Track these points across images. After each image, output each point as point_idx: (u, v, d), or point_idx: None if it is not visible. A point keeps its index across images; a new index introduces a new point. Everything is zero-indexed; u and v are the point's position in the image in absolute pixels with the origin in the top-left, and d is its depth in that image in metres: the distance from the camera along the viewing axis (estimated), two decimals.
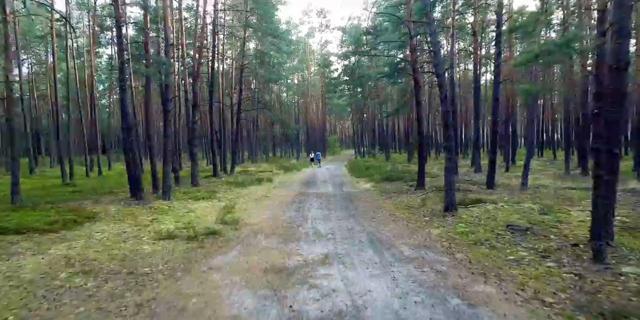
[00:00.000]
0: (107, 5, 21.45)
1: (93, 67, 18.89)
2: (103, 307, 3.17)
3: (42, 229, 5.77)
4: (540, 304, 3.10)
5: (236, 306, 3.15)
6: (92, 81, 18.86)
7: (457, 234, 5.51)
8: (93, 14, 19.77)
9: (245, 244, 5.27)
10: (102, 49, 26.54)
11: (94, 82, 19.92)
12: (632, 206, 7.48)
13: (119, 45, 8.36)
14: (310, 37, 40.23)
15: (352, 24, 30.55)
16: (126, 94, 8.71)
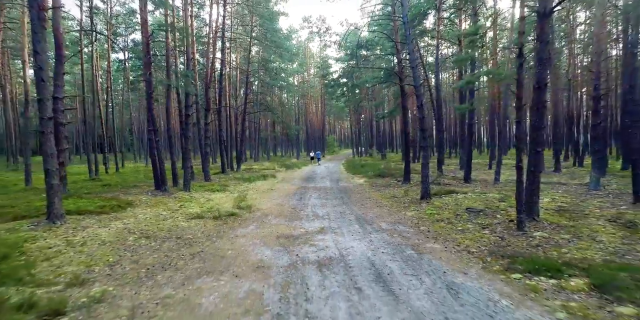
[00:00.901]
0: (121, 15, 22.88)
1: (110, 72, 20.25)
2: (168, 255, 4.58)
3: (96, 211, 7.18)
4: (466, 253, 4.52)
5: (259, 255, 4.56)
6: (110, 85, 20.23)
7: (425, 215, 6.94)
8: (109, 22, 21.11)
9: (260, 221, 6.68)
10: (114, 54, 27.96)
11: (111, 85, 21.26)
12: (581, 196, 8.90)
13: (147, 59, 9.74)
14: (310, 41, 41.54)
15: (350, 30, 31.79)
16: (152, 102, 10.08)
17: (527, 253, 4.36)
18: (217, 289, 3.46)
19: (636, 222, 5.60)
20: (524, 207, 5.52)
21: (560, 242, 4.75)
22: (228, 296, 3.28)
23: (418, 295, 3.26)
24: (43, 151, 5.77)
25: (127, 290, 3.45)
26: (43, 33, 5.60)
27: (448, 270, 3.88)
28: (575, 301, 3.06)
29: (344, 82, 26.93)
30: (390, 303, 3.10)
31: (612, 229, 5.37)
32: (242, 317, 2.88)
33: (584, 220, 5.92)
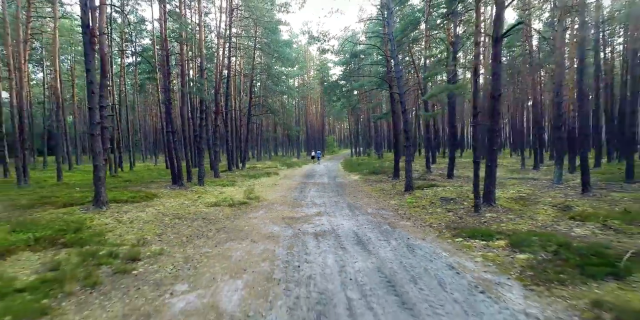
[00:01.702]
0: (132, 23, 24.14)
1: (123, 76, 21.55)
2: (199, 229, 5.88)
3: (129, 200, 8.47)
4: (429, 227, 5.82)
5: (269, 229, 5.85)
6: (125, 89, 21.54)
7: (405, 203, 8.24)
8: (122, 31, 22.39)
9: (268, 208, 7.98)
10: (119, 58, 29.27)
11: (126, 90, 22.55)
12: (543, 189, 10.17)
13: (166, 70, 11.02)
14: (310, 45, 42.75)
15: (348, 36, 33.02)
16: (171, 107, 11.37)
17: (474, 226, 5.66)
18: (241, 248, 4.76)
19: (571, 206, 6.91)
20: (483, 195, 6.82)
21: (503, 220, 6.05)
22: (250, 252, 4.58)
23: (385, 251, 4.55)
24: (92, 150, 7.07)
25: (177, 249, 4.75)
26: (92, 54, 6.90)
27: (411, 237, 5.18)
28: (492, 252, 4.36)
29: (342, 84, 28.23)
30: (365, 255, 4.39)
31: (551, 211, 6.67)
32: (262, 262, 4.17)
33: (533, 206, 7.21)
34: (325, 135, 51.67)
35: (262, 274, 3.77)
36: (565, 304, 2.94)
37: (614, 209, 6.51)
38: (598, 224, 5.50)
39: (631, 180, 10.13)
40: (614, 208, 6.66)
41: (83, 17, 6.69)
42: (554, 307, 2.89)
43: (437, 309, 2.91)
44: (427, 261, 4.11)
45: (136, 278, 3.70)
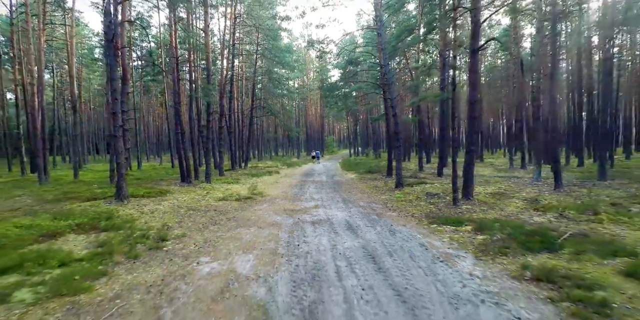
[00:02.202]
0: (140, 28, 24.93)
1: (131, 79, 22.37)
2: (212, 218, 6.74)
3: (145, 195, 9.33)
4: (410, 216, 6.68)
5: (273, 218, 6.71)
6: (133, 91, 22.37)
7: (394, 198, 9.10)
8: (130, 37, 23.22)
9: (270, 202, 8.84)
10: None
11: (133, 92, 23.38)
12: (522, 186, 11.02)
13: (176, 77, 11.88)
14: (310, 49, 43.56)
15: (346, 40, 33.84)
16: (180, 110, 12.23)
17: (449, 216, 6.52)
18: (250, 232, 5.62)
19: (539, 200, 7.77)
20: (462, 190, 7.69)
21: (476, 211, 6.92)
22: (257, 235, 5.44)
23: (371, 234, 5.41)
24: (115, 150, 7.94)
25: (195, 233, 5.61)
26: (116, 65, 7.76)
27: (394, 224, 6.04)
28: (458, 235, 5.22)
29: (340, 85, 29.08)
30: (353, 237, 5.26)
31: (521, 204, 7.54)
32: (268, 242, 5.03)
33: (506, 200, 8.07)
34: (324, 136, 52.53)
35: (268, 250, 4.63)
36: (501, 267, 3.80)
37: (575, 202, 7.37)
38: (556, 214, 6.37)
39: (603, 178, 10.99)
40: (576, 201, 7.52)
41: (107, 32, 7.55)
42: (493, 269, 3.76)
43: (404, 272, 3.77)
44: (403, 241, 4.98)
45: (167, 252, 4.56)
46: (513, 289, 3.24)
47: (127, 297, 3.20)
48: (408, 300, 3.07)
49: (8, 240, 4.77)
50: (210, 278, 3.66)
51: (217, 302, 3.08)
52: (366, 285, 3.40)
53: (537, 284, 3.31)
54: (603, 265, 3.71)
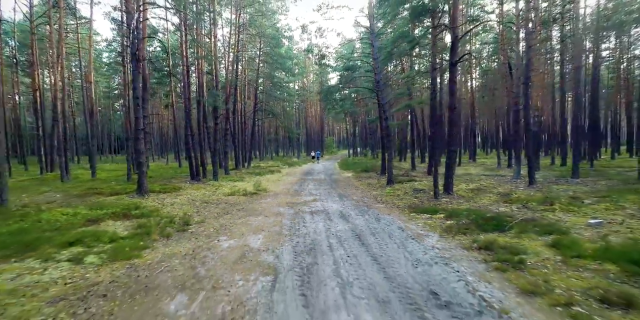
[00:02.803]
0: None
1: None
2: (225, 209, 7.76)
3: (161, 191, 10.33)
4: (395, 208, 7.70)
5: (277, 209, 7.72)
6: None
7: (384, 193, 10.11)
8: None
9: (274, 196, 9.85)
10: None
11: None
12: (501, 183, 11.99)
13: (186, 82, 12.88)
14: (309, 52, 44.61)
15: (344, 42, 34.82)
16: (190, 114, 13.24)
17: (428, 207, 7.53)
18: (258, 220, 6.63)
19: (510, 194, 8.78)
20: (444, 186, 8.69)
21: (453, 203, 7.92)
22: (264, 221, 6.45)
23: (360, 221, 6.42)
24: (137, 150, 8.95)
25: (212, 220, 6.62)
26: (138, 75, 8.78)
27: (380, 213, 7.05)
28: (432, 220, 6.23)
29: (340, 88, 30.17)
30: (344, 223, 6.26)
31: (494, 197, 8.54)
32: (273, 226, 6.03)
33: (483, 194, 9.08)
34: (324, 137, 53.54)
35: (274, 232, 5.64)
36: (457, 242, 4.81)
37: (540, 196, 8.36)
38: (520, 205, 7.37)
39: (576, 176, 11.98)
40: (542, 195, 8.52)
41: (132, 47, 8.57)
42: (450, 243, 4.77)
43: (382, 246, 4.77)
44: (385, 225, 5.99)
45: (192, 233, 5.58)
46: (460, 255, 4.25)
47: (169, 261, 4.21)
48: (381, 263, 4.08)
49: (61, 224, 5.79)
50: (230, 250, 4.67)
51: (238, 264, 4.09)
52: (351, 254, 4.41)
53: (479, 252, 4.32)
54: (536, 240, 4.71)
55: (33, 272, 3.81)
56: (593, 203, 7.30)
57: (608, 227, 5.33)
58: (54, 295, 3.23)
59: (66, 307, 3.00)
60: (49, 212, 6.73)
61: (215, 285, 3.44)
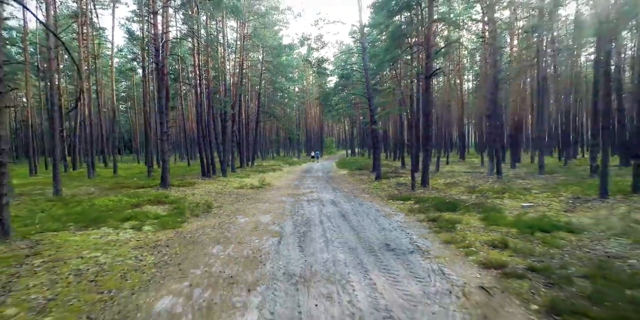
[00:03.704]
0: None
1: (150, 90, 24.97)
2: (237, 198, 9.31)
3: (180, 185, 11.88)
4: (377, 197, 9.26)
5: (280, 199, 9.27)
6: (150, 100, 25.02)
7: (371, 187, 11.66)
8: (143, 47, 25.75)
9: (277, 189, 11.40)
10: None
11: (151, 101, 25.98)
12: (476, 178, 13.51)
13: (199, 90, 14.42)
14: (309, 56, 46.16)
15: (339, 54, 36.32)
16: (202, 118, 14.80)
17: (404, 196, 9.07)
18: (265, 205, 8.17)
19: (476, 186, 10.32)
20: (421, 180, 10.24)
21: (425, 193, 9.46)
22: (270, 206, 8.00)
23: (346, 206, 7.96)
24: (161, 150, 10.50)
25: (228, 205, 8.17)
26: (163, 86, 10.33)
27: (364, 201, 8.60)
28: (403, 205, 7.78)
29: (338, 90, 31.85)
30: (334, 207, 7.81)
31: (463, 189, 10.07)
32: (278, 210, 7.58)
33: (454, 187, 10.62)
34: (324, 137, 55.10)
35: (278, 213, 7.19)
36: (415, 218, 6.37)
37: (500, 188, 9.90)
38: (479, 195, 8.91)
39: (542, 173, 13.51)
40: (502, 187, 10.05)
41: (157, 62, 10.14)
42: (410, 219, 6.32)
43: (360, 221, 6.31)
44: (366, 209, 7.54)
45: (215, 214, 7.13)
46: (414, 225, 5.80)
47: (203, 229, 5.76)
48: (356, 230, 5.62)
49: (112, 207, 7.34)
50: (246, 223, 6.22)
51: (253, 231, 5.64)
52: (335, 226, 5.96)
53: (427, 223, 5.88)
54: (474, 216, 6.26)
55: (110, 235, 5.36)
56: (539, 192, 8.84)
57: (535, 208, 6.88)
58: (133, 245, 4.79)
59: (145, 250, 4.55)
60: (98, 199, 8.28)
61: (240, 241, 4.99)
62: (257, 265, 3.93)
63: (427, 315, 2.70)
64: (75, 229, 5.63)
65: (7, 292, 3.18)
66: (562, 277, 3.25)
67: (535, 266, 3.57)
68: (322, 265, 3.89)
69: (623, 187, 8.46)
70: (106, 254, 4.36)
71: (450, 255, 4.16)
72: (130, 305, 2.97)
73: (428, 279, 3.43)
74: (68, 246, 4.65)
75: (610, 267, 3.48)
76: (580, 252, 4.06)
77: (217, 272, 3.71)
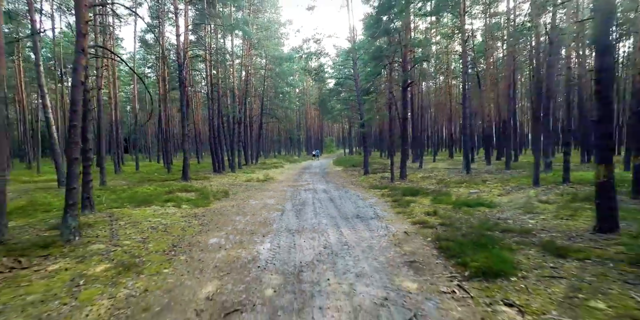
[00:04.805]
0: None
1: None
2: (246, 188, 11.28)
3: (197, 178, 13.84)
4: (362, 187, 11.21)
5: (282, 189, 11.22)
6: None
7: (359, 180, 13.60)
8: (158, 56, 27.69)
9: (279, 182, 13.35)
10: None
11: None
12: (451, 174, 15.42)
13: (213, 98, 16.35)
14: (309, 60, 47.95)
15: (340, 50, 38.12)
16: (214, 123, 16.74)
17: (382, 186, 11.00)
18: (270, 193, 10.13)
19: (444, 179, 12.25)
20: (400, 174, 12.17)
21: (401, 184, 11.38)
22: (274, 194, 9.95)
23: (335, 193, 9.91)
24: (183, 149, 12.45)
25: (241, 193, 10.13)
26: (185, 96, 12.26)
27: (349, 190, 10.55)
28: (380, 192, 9.72)
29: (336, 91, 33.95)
30: (325, 194, 9.76)
31: (434, 181, 11.98)
32: (280, 196, 9.54)
33: (427, 180, 12.53)
34: (323, 137, 57.04)
35: (281, 198, 9.13)
36: (384, 200, 8.31)
37: (463, 180, 11.82)
38: (443, 185, 10.83)
39: (507, 168, 15.42)
40: (466, 180, 11.97)
41: (180, 76, 12.07)
42: (380, 200, 8.27)
43: (343, 202, 8.26)
44: (350, 195, 9.48)
45: (232, 198, 9.09)
46: (381, 204, 7.75)
47: (225, 207, 7.72)
48: (338, 207, 7.56)
49: (152, 193, 9.30)
50: (256, 204, 8.17)
51: (262, 208, 7.59)
52: (324, 205, 7.90)
53: (391, 203, 7.83)
54: (427, 198, 8.18)
55: (160, 210, 7.32)
56: (492, 183, 10.76)
57: (479, 194, 8.80)
58: (180, 215, 6.75)
59: (189, 218, 6.51)
60: (137, 188, 10.25)
61: (254, 214, 6.95)
62: (267, 226, 5.88)
63: (367, 243, 4.65)
64: (132, 207, 7.59)
65: (117, 235, 5.14)
66: (456, 227, 5.20)
67: (444, 222, 5.52)
68: (310, 225, 5.84)
69: (559, 179, 10.38)
70: (164, 219, 6.33)
71: (396, 219, 6.12)
72: (193, 240, 4.93)
73: (376, 230, 5.38)
74: (135, 216, 6.61)
75: (489, 222, 5.42)
76: (483, 217, 6.00)
77: (241, 228, 5.67)
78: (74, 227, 4.71)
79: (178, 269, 3.77)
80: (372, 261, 3.91)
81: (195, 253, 4.36)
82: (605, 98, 4.26)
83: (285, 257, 4.14)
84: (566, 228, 4.92)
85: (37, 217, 6.48)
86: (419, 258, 3.96)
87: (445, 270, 3.56)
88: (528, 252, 3.97)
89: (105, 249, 4.40)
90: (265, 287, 3.24)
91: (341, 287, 3.19)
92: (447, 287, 3.12)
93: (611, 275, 3.18)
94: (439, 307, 2.77)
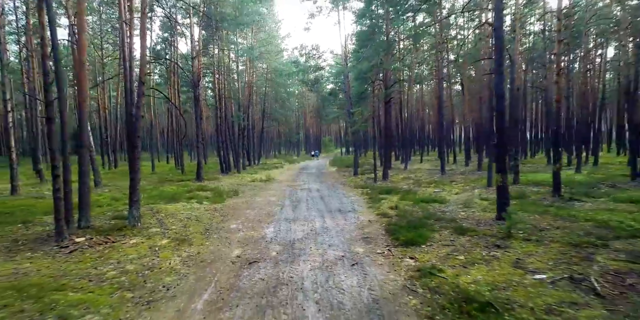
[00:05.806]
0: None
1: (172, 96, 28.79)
2: (253, 188, 13.26)
3: (209, 179, 15.80)
4: (349, 186, 13.19)
5: (282, 188, 13.19)
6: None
7: (348, 180, 15.58)
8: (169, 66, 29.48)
9: (279, 182, 15.32)
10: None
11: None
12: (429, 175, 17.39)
13: (219, 106, 18.27)
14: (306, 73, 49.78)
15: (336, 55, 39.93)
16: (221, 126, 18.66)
17: (366, 186, 12.96)
18: (271, 192, 12.09)
19: (420, 179, 14.22)
20: (382, 175, 14.14)
21: (382, 185, 13.35)
22: (275, 193, 11.92)
23: (325, 192, 11.88)
24: (198, 154, 14.40)
25: (248, 191, 12.11)
26: (198, 108, 14.19)
27: (338, 189, 12.53)
28: (363, 191, 11.70)
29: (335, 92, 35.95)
30: (317, 193, 11.74)
31: (411, 181, 13.95)
32: (280, 193, 11.51)
33: (406, 180, 14.51)
34: (322, 137, 58.94)
35: (281, 195, 11.11)
36: (364, 197, 10.30)
37: (434, 180, 13.78)
38: (417, 185, 12.80)
39: (480, 169, 17.39)
40: (437, 180, 13.93)
41: (195, 93, 13.98)
42: (360, 197, 10.25)
43: (330, 199, 10.23)
44: (338, 194, 11.45)
45: (241, 196, 11.07)
46: (359, 201, 9.74)
47: (237, 204, 9.69)
48: (326, 203, 9.53)
49: (176, 192, 11.27)
50: (261, 201, 10.15)
51: (266, 204, 9.56)
52: (315, 202, 9.87)
53: (367, 198, 9.82)
54: (396, 196, 10.15)
55: (187, 205, 9.28)
56: (457, 183, 12.74)
57: (440, 193, 10.78)
58: (204, 209, 8.72)
59: (211, 211, 8.49)
60: (162, 188, 12.21)
61: (260, 208, 8.93)
62: (270, 216, 7.86)
63: (341, 227, 6.63)
64: (164, 203, 9.55)
65: (164, 223, 7.11)
66: (406, 217, 7.18)
67: (399, 214, 7.50)
68: (302, 217, 7.81)
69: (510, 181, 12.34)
70: (193, 212, 8.30)
71: (366, 212, 8.11)
72: (219, 226, 6.92)
73: (350, 219, 7.36)
74: (169, 209, 8.58)
75: (431, 213, 7.41)
76: (432, 210, 7.98)
77: (252, 218, 7.65)
78: (136, 216, 6.68)
79: (214, 242, 5.75)
80: (341, 238, 5.89)
81: (223, 233, 6.34)
82: (500, 130, 6.23)
83: (284, 235, 6.13)
84: (481, 217, 6.90)
85: (95, 211, 8.45)
86: (371, 235, 5.95)
87: (384, 242, 5.55)
88: (443, 232, 5.95)
89: (161, 231, 6.38)
90: (272, 251, 5.22)
91: (318, 251, 5.17)
92: (381, 250, 5.11)
93: (481, 244, 5.16)
94: (372, 259, 4.75)
